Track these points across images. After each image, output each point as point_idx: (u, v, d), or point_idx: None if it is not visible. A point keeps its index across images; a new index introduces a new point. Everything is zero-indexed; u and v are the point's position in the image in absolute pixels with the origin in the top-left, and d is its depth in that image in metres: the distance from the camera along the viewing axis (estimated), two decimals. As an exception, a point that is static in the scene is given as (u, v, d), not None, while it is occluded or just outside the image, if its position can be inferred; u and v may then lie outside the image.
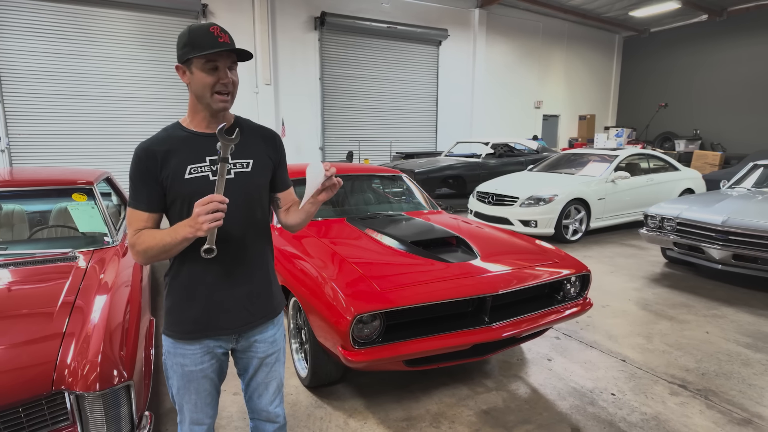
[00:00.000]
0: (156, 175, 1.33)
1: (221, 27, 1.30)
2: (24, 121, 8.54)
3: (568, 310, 2.78)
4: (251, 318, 1.47)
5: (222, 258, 1.35)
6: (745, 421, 2.47)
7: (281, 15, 10.60)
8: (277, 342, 1.57)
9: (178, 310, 1.43)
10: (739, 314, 3.95)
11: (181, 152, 1.34)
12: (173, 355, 1.44)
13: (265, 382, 1.57)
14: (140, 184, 1.34)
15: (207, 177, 1.35)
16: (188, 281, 1.41)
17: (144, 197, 1.34)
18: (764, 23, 13.35)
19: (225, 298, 1.42)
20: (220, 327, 1.43)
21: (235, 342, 1.49)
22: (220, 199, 1.21)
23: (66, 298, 2.05)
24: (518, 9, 13.96)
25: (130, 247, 1.34)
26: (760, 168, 5.79)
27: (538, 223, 6.19)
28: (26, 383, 1.61)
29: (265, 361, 1.55)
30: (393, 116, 12.60)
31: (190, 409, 1.48)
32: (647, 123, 15.24)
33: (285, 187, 1.57)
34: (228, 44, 1.29)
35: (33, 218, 3.21)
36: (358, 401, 2.64)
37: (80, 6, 8.64)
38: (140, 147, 1.35)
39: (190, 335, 1.42)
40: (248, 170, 1.42)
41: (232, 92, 1.35)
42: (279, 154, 1.52)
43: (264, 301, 1.50)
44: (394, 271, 2.52)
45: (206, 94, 1.32)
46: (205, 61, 1.29)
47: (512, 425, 2.43)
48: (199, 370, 1.44)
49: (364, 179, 4.31)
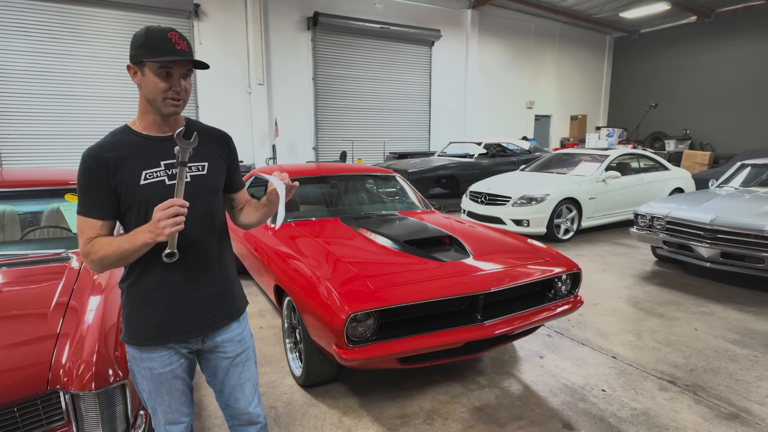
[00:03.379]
0: (109, 182, 1.29)
1: (180, 33, 1.29)
2: (14, 121, 8.47)
3: (559, 307, 2.82)
4: (214, 320, 1.46)
5: (182, 262, 1.34)
6: (732, 415, 2.52)
7: (274, 15, 10.59)
8: (246, 340, 1.55)
9: (137, 316, 1.40)
10: (727, 311, 4.02)
11: (135, 158, 1.31)
12: (139, 360, 1.42)
13: (240, 384, 1.55)
14: (93, 191, 1.29)
15: (163, 182, 1.33)
16: (147, 287, 1.38)
17: (97, 205, 1.30)
18: (752, 24, 13.55)
19: (186, 302, 1.40)
20: (183, 331, 1.42)
21: (200, 343, 1.48)
22: (180, 203, 1.21)
23: (60, 299, 2.05)
24: (510, 10, 14.05)
25: (83, 256, 1.29)
26: (747, 167, 5.88)
27: (530, 222, 6.24)
28: (21, 383, 1.61)
29: (235, 361, 1.53)
30: (386, 116, 12.63)
31: (164, 411, 1.47)
32: (638, 123, 15.40)
33: (238, 188, 1.59)
34: (185, 52, 1.28)
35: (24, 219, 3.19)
36: (353, 399, 2.66)
37: (71, 5, 8.58)
38: (89, 154, 1.29)
39: (153, 341, 1.39)
40: (204, 173, 1.41)
41: (184, 99, 1.33)
42: (232, 156, 1.52)
43: (227, 301, 1.50)
44: (387, 270, 2.55)
45: (157, 98, 1.29)
46: (159, 66, 1.26)
47: (505, 422, 2.46)
48: (168, 371, 1.43)
49: (358, 179, 4.33)
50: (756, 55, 13.54)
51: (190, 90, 1.33)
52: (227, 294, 1.50)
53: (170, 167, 1.34)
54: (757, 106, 13.60)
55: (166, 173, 1.34)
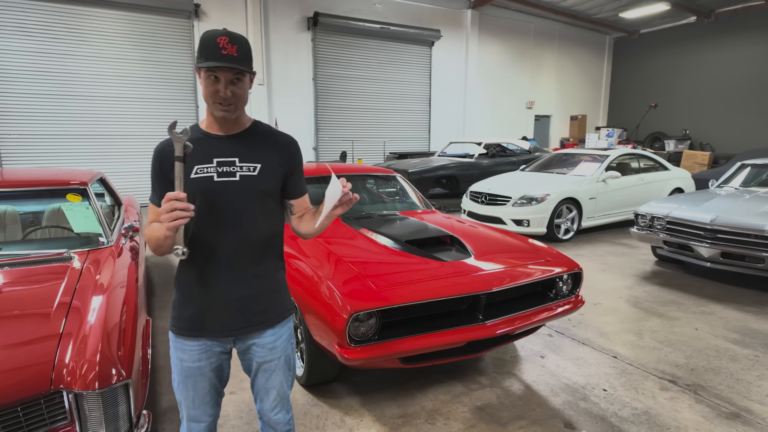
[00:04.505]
0: (167, 173, 1.38)
1: (232, 37, 1.30)
2: (15, 121, 8.46)
3: (560, 307, 2.82)
4: (246, 323, 1.46)
5: (219, 259, 1.40)
6: (733, 414, 2.53)
7: (274, 15, 10.59)
8: (277, 349, 1.52)
9: (179, 305, 1.47)
10: (728, 311, 4.02)
11: (193, 153, 1.36)
12: (175, 349, 1.48)
13: (265, 388, 1.56)
14: (155, 181, 1.43)
15: (211, 178, 1.38)
16: (189, 280, 1.44)
17: (158, 193, 1.41)
18: (751, 25, 13.56)
19: (218, 299, 1.43)
20: (214, 329, 1.44)
21: (233, 343, 1.51)
22: (175, 196, 1.22)
23: (62, 299, 2.05)
24: (510, 10, 14.06)
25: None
26: (747, 167, 5.88)
27: (530, 222, 6.25)
28: (24, 383, 1.62)
29: (263, 367, 1.53)
30: (386, 116, 12.63)
31: (187, 405, 1.50)
32: (638, 123, 15.41)
33: (299, 194, 1.56)
34: (232, 57, 1.29)
35: (26, 219, 3.19)
36: (354, 399, 2.66)
37: (71, 5, 8.58)
38: (157, 148, 1.43)
39: (187, 332, 1.45)
40: (254, 174, 1.42)
41: (235, 103, 1.36)
42: (293, 161, 1.52)
43: (261, 307, 1.48)
44: (389, 270, 2.55)
45: (209, 101, 1.36)
46: (206, 71, 1.31)
47: (506, 421, 2.46)
48: (196, 367, 1.46)
49: (359, 179, 4.33)
50: (756, 55, 13.55)
51: (242, 95, 1.35)
52: (262, 300, 1.48)
53: (222, 165, 1.40)
54: (757, 106, 13.61)
55: (216, 170, 1.39)
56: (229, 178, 1.39)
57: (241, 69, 1.32)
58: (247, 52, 1.34)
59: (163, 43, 9.47)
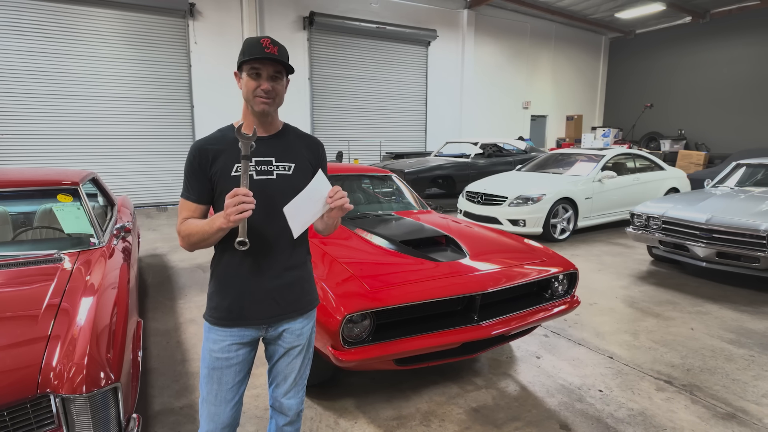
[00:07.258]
0: (206, 171, 1.47)
1: (273, 40, 1.43)
2: (7, 120, 8.38)
3: (556, 308, 2.81)
4: (280, 311, 1.55)
5: (257, 252, 1.48)
6: (729, 415, 2.52)
7: (270, 14, 10.55)
8: (303, 336, 1.62)
9: (216, 296, 1.54)
10: (723, 311, 4.02)
11: (231, 152, 1.46)
12: (207, 339, 1.55)
13: (285, 373, 1.63)
14: (192, 178, 1.48)
15: (251, 176, 1.47)
16: (227, 271, 1.52)
17: (194, 190, 1.48)
18: (746, 25, 13.61)
19: (257, 289, 1.51)
20: (252, 316, 1.52)
21: (264, 331, 1.57)
22: (243, 192, 1.31)
23: (51, 300, 2.02)
24: (506, 10, 14.06)
25: (177, 232, 1.49)
26: (742, 167, 5.90)
27: (526, 222, 6.24)
28: (10, 386, 1.58)
29: (289, 352, 1.61)
30: (382, 116, 12.60)
31: (210, 400, 1.54)
32: (633, 123, 15.44)
33: None
34: (273, 55, 1.41)
35: (17, 219, 3.15)
36: (349, 401, 2.64)
37: (66, 5, 8.51)
38: (195, 146, 1.50)
39: (224, 321, 1.52)
40: (289, 173, 1.53)
41: (274, 98, 1.46)
42: (320, 161, 1.63)
43: (295, 296, 1.58)
44: (383, 271, 2.53)
45: (249, 96, 1.44)
46: (249, 67, 1.42)
47: (502, 423, 2.45)
48: (224, 358, 1.52)
49: (354, 179, 4.31)
50: (751, 55, 13.60)
51: (280, 91, 1.47)
52: (296, 288, 1.58)
53: (260, 164, 1.49)
54: (752, 106, 13.67)
55: (255, 168, 1.48)
56: (267, 176, 1.49)
57: (282, 62, 1.43)
58: (287, 56, 1.46)
59: (158, 43, 9.41)
